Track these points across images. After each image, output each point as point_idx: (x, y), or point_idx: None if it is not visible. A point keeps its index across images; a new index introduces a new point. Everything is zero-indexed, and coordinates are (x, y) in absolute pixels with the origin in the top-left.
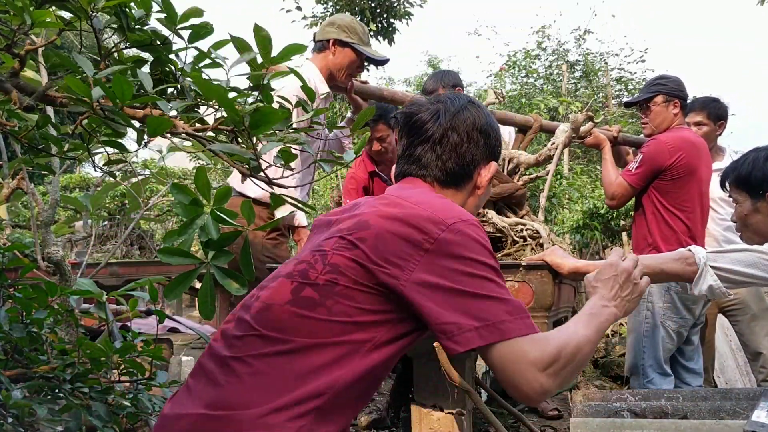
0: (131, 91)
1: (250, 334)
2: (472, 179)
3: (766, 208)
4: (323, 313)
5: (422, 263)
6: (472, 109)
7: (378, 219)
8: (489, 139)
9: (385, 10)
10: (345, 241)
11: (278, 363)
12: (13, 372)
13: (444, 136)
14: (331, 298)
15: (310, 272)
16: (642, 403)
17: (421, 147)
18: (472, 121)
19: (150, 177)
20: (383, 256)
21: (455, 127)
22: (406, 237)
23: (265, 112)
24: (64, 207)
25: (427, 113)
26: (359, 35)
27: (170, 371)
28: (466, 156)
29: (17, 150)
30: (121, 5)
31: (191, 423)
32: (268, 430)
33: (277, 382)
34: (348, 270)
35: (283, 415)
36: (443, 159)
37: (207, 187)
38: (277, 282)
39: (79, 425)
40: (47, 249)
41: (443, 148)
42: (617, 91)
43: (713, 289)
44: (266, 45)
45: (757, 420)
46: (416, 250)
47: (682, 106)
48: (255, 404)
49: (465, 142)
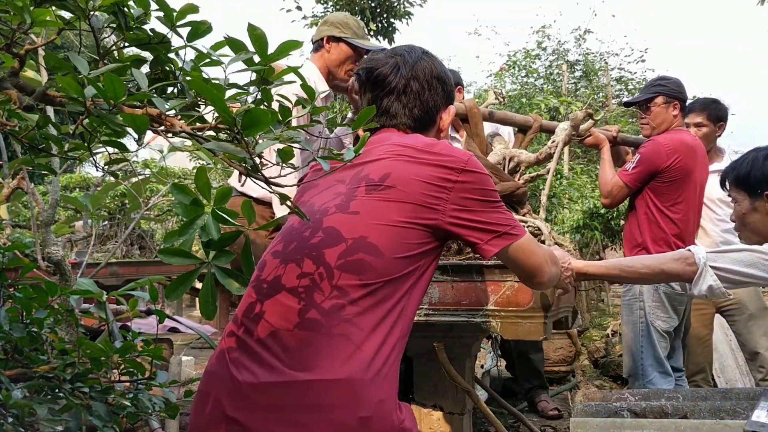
0: (123, 90)
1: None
2: (435, 123)
3: (764, 207)
4: (390, 252)
5: (450, 200)
6: (428, 59)
7: (403, 165)
8: (446, 85)
9: (385, 10)
10: (381, 187)
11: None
12: (13, 372)
13: (407, 86)
14: (390, 238)
15: (367, 219)
16: (642, 403)
17: (387, 99)
18: (429, 69)
19: (150, 177)
20: (420, 200)
21: (416, 76)
22: (433, 180)
23: (256, 113)
24: (64, 207)
25: (387, 67)
26: (353, 29)
27: (170, 371)
28: (429, 102)
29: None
30: (118, 4)
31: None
32: (374, 376)
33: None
34: (393, 213)
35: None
36: (409, 107)
37: (207, 187)
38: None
39: (79, 425)
40: (47, 249)
41: (408, 97)
42: (617, 90)
43: (713, 289)
44: (262, 43)
45: (757, 420)
46: (443, 191)
47: (682, 107)
48: (349, 356)
49: (426, 90)
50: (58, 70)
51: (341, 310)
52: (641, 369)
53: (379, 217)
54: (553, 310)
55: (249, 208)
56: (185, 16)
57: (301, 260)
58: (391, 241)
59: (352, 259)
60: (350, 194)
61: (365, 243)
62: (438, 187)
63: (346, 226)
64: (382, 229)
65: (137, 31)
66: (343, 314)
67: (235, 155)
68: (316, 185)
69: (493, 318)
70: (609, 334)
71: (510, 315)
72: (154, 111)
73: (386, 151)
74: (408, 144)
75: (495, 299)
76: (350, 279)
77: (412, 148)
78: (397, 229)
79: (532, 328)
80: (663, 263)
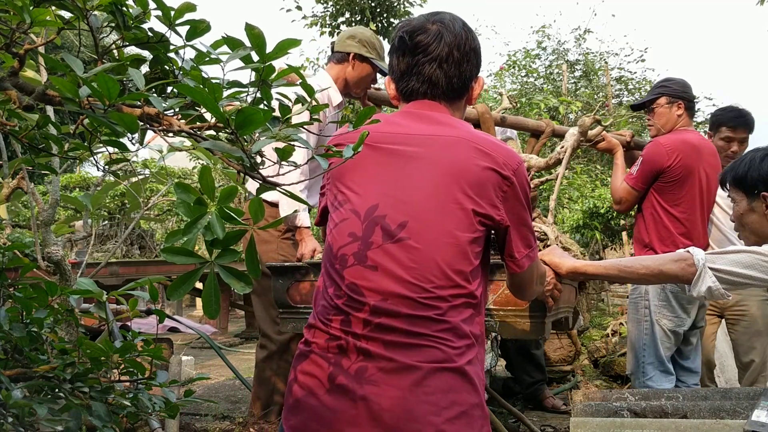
0: (117, 89)
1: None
2: (468, 93)
3: (761, 207)
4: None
5: (505, 200)
6: (467, 30)
7: (473, 166)
8: (478, 57)
9: (385, 10)
10: (457, 190)
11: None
12: (13, 371)
13: (450, 55)
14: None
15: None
16: (642, 403)
17: (428, 66)
18: (469, 40)
19: (150, 176)
20: (488, 201)
21: (458, 46)
22: (494, 182)
23: (249, 112)
24: (64, 206)
25: (430, 33)
26: (377, 50)
27: (170, 371)
28: (465, 72)
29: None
30: (116, 3)
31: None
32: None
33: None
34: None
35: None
36: (449, 76)
37: (211, 187)
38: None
39: (79, 425)
40: (47, 248)
41: (449, 66)
42: (617, 90)
43: (712, 291)
44: (260, 42)
45: (757, 419)
46: (500, 192)
47: (687, 107)
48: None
49: (465, 61)
50: (56, 71)
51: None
52: (642, 367)
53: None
54: (552, 311)
55: (256, 207)
56: (183, 14)
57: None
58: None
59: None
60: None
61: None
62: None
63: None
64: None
65: (136, 30)
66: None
67: (231, 154)
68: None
69: (492, 317)
70: (609, 334)
71: (508, 314)
72: (152, 110)
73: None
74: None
75: (494, 298)
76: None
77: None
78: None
79: (531, 327)
80: (662, 264)
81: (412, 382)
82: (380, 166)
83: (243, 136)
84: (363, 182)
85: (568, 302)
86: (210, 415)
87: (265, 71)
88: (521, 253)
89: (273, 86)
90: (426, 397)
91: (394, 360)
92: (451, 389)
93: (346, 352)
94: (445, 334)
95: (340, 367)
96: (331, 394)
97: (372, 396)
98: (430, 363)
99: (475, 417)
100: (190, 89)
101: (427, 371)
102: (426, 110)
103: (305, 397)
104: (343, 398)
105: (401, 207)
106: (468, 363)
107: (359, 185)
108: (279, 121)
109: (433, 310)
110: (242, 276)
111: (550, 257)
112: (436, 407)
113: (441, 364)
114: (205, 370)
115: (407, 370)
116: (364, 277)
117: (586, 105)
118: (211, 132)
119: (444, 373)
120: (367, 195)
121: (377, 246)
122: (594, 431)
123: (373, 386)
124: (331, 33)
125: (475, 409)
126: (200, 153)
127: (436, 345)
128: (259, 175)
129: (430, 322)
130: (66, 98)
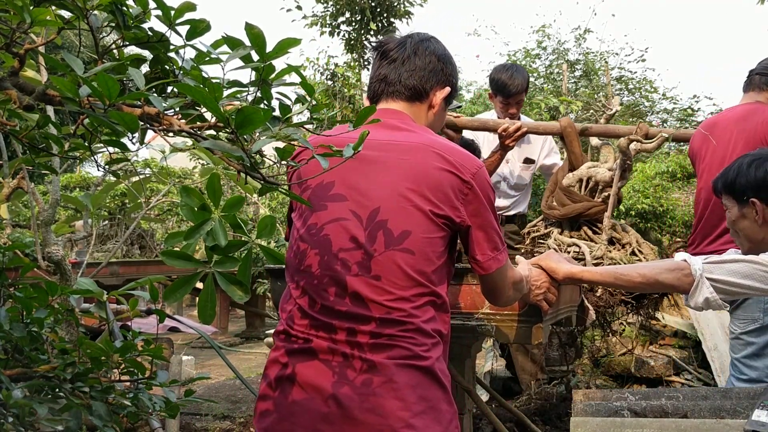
0: (117, 89)
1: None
2: (428, 98)
3: (752, 213)
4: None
5: (466, 203)
6: (434, 42)
7: (432, 170)
8: (446, 66)
9: (386, 10)
10: (416, 193)
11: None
12: (13, 371)
13: (407, 59)
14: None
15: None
16: (642, 402)
17: (387, 68)
18: (432, 48)
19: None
20: (447, 203)
21: (416, 51)
22: (453, 185)
23: (248, 111)
24: (64, 206)
25: (394, 42)
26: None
27: (171, 371)
28: (424, 76)
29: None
30: (116, 3)
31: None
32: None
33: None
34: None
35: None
36: (404, 76)
37: (218, 193)
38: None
39: (79, 424)
40: (48, 248)
41: (405, 67)
42: (617, 90)
43: (709, 302)
44: (260, 42)
45: (757, 419)
46: (460, 195)
47: (748, 82)
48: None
49: (425, 65)
50: (56, 70)
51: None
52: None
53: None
54: (548, 315)
55: (268, 222)
56: (183, 14)
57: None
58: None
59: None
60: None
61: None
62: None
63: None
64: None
65: (136, 29)
66: None
67: (231, 154)
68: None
69: (488, 322)
70: (609, 334)
71: (505, 319)
72: (152, 110)
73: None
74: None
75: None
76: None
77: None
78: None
79: (528, 332)
80: (658, 273)
81: (381, 379)
82: (342, 170)
83: (243, 135)
84: (326, 187)
85: (570, 302)
86: (210, 414)
87: (265, 71)
88: (486, 255)
89: (273, 86)
90: (394, 392)
91: (363, 358)
92: (419, 385)
93: (315, 354)
94: (411, 334)
95: (311, 369)
96: (304, 394)
97: (343, 394)
98: (397, 360)
99: (443, 411)
100: (191, 89)
101: (394, 368)
102: (388, 117)
103: (277, 399)
104: (315, 398)
105: (363, 211)
106: (434, 360)
107: (322, 189)
108: (279, 120)
109: (398, 312)
110: (240, 284)
111: (546, 262)
112: (404, 402)
113: (408, 360)
114: (205, 369)
115: (375, 367)
116: (329, 284)
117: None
118: (211, 131)
119: (411, 369)
120: (329, 200)
121: (341, 252)
122: (594, 431)
123: (344, 384)
124: (331, 33)
125: (443, 403)
126: (201, 153)
127: (402, 344)
128: (259, 175)
129: (395, 323)
130: (66, 98)
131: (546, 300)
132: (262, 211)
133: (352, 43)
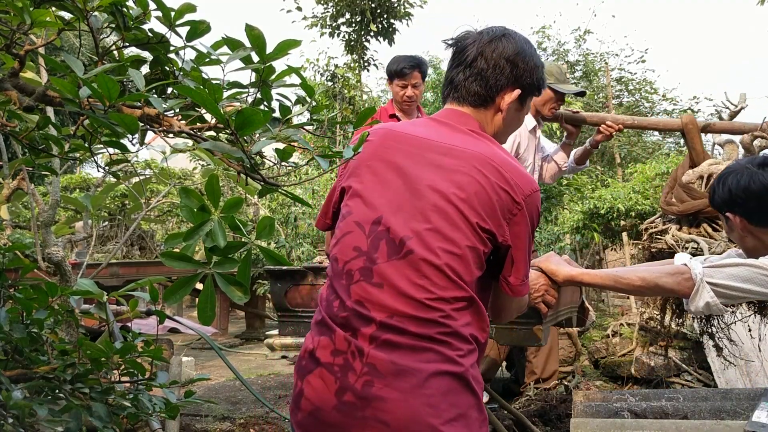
0: (117, 90)
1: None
2: (494, 102)
3: (736, 225)
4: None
5: (511, 223)
6: (504, 40)
7: (486, 184)
8: (516, 68)
9: (386, 11)
10: (466, 203)
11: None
12: (13, 372)
13: (474, 61)
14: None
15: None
16: (642, 404)
17: (456, 70)
18: (501, 49)
19: (151, 177)
20: (494, 219)
21: (483, 53)
22: (504, 203)
23: (248, 112)
24: (64, 207)
25: (464, 41)
26: (555, 75)
27: (171, 371)
28: (490, 80)
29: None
30: (116, 4)
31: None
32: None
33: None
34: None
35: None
36: (469, 81)
37: (217, 194)
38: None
39: (79, 425)
40: (48, 249)
41: (470, 71)
42: (618, 91)
43: (710, 306)
44: (260, 43)
45: (757, 420)
46: (508, 214)
47: None
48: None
49: (490, 68)
50: (56, 71)
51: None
52: None
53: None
54: (548, 317)
55: (267, 223)
56: (183, 15)
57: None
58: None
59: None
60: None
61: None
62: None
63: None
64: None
65: (136, 31)
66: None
67: (231, 155)
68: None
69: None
70: (609, 335)
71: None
72: (152, 111)
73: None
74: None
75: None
76: None
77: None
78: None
79: (528, 334)
80: (658, 277)
81: (413, 385)
82: (399, 165)
83: (243, 136)
84: (372, 185)
85: (570, 303)
86: (210, 415)
87: (265, 72)
88: (519, 280)
89: (273, 87)
90: (426, 399)
91: (396, 363)
92: (450, 391)
93: (351, 358)
94: (447, 338)
95: (345, 372)
96: (338, 398)
97: (376, 398)
98: (431, 364)
99: (473, 419)
100: (191, 90)
101: (428, 374)
102: (452, 119)
103: (312, 400)
104: (349, 402)
105: (412, 210)
106: (468, 367)
107: (368, 189)
108: (279, 121)
109: (436, 312)
110: (240, 285)
111: (547, 264)
112: (435, 409)
113: (442, 365)
114: (205, 370)
115: (409, 372)
116: (369, 293)
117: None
118: (211, 133)
119: (444, 376)
120: (374, 202)
121: (385, 246)
122: (594, 431)
123: (377, 389)
124: (331, 34)
125: (473, 410)
126: (201, 154)
127: (438, 348)
128: (259, 176)
129: (433, 324)
130: (66, 99)
131: (545, 302)
132: (262, 212)
133: (352, 44)
